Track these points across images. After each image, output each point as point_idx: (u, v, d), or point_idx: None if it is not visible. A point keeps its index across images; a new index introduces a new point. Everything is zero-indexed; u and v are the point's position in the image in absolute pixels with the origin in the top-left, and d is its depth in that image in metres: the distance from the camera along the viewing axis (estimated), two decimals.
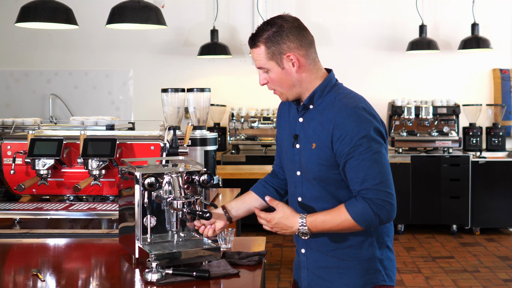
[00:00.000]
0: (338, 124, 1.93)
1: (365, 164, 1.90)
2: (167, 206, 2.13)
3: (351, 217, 1.91)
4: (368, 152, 1.91)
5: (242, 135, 6.98)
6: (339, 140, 1.92)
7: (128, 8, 4.04)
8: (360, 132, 1.91)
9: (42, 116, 7.08)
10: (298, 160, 2.05)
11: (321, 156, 1.97)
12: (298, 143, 2.05)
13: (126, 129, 3.51)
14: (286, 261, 5.57)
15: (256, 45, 2.00)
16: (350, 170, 1.93)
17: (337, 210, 1.95)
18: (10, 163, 2.97)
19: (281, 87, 2.03)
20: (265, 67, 2.01)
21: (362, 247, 2.03)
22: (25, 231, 2.68)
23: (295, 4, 7.17)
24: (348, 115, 1.92)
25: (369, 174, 1.90)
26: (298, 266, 2.17)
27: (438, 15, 7.18)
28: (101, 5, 6.46)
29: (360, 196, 1.92)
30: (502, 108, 6.98)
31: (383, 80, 7.20)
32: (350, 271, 2.03)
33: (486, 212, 6.58)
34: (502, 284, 4.94)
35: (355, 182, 1.93)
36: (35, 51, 7.35)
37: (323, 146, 1.97)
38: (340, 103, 1.97)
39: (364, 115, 1.93)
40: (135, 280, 2.04)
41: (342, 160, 1.93)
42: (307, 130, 2.03)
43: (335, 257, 2.04)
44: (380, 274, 2.04)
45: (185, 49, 7.30)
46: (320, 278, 2.07)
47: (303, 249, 2.11)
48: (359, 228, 1.93)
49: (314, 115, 2.02)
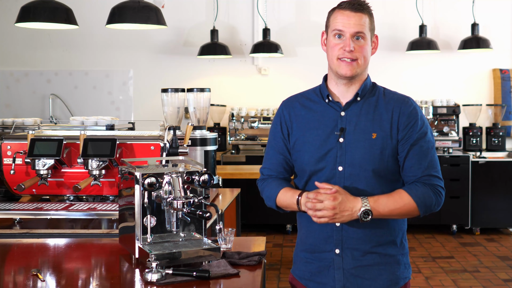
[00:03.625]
0: (405, 112, 2.02)
1: (429, 152, 2.02)
2: (167, 206, 2.13)
3: (414, 200, 1.97)
4: (430, 143, 2.04)
5: (242, 135, 6.98)
6: (408, 126, 2.01)
7: (128, 8, 4.04)
8: (424, 123, 2.04)
9: (42, 116, 7.07)
10: (342, 154, 2.02)
11: (384, 146, 2.01)
12: (343, 137, 2.03)
13: (126, 129, 3.51)
14: (286, 261, 5.57)
15: (364, 12, 2.05)
16: (413, 156, 2.00)
17: (398, 193, 2.00)
18: (10, 163, 2.97)
19: (364, 58, 2.05)
20: (364, 33, 2.04)
21: (400, 242, 2.09)
22: (25, 231, 2.68)
23: (295, 4, 7.17)
24: (413, 106, 2.05)
25: (432, 162, 2.02)
26: (322, 271, 2.08)
27: (438, 15, 7.18)
28: (101, 5, 6.47)
29: (420, 182, 1.99)
30: (502, 108, 6.98)
31: (383, 80, 7.13)
32: (392, 266, 2.06)
33: (486, 212, 6.59)
34: (502, 284, 4.94)
35: (417, 168, 2.00)
36: (35, 51, 7.35)
37: (385, 135, 2.01)
38: (397, 95, 2.08)
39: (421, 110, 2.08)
40: (135, 280, 2.04)
41: (407, 146, 2.00)
42: (357, 123, 2.03)
43: (376, 253, 2.04)
44: (410, 268, 2.13)
45: (185, 49, 7.30)
46: (359, 277, 2.04)
47: (337, 250, 2.05)
48: (417, 213, 2.00)
49: (365, 108, 2.05)
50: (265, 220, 6.54)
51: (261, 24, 7.14)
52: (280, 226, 6.72)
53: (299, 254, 2.17)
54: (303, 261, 2.15)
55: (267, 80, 7.29)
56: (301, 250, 2.17)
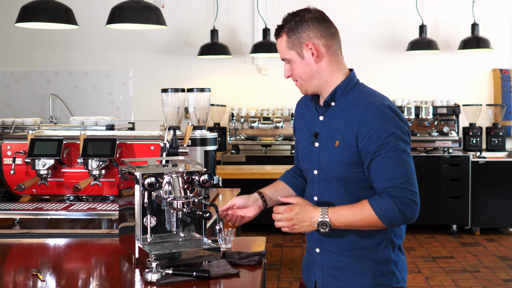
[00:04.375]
0: (365, 121, 1.91)
1: (392, 162, 1.90)
2: (167, 206, 2.13)
3: (375, 213, 1.89)
4: (395, 151, 1.90)
5: (242, 135, 6.98)
6: (366, 137, 1.91)
7: (128, 8, 4.04)
8: (387, 130, 1.90)
9: (42, 116, 7.08)
10: (316, 158, 2.04)
11: (344, 154, 1.96)
12: (318, 142, 2.04)
13: (126, 129, 3.51)
14: (286, 261, 5.57)
15: (280, 35, 2.04)
16: (375, 168, 1.91)
17: (360, 205, 1.92)
18: (10, 163, 2.97)
19: (301, 78, 2.03)
20: (287, 57, 2.03)
21: (378, 249, 2.01)
22: (25, 231, 2.68)
23: (295, 4, 7.17)
24: (375, 113, 1.91)
25: (396, 172, 1.89)
26: (309, 266, 2.15)
27: (438, 15, 7.18)
28: (101, 5, 6.47)
29: (385, 194, 1.90)
30: (502, 108, 6.98)
31: (383, 80, 7.20)
32: (364, 271, 2.02)
33: (486, 212, 6.59)
34: (502, 284, 4.94)
35: (381, 180, 1.91)
36: (35, 51, 7.35)
37: (346, 144, 1.95)
38: (366, 101, 1.96)
39: (390, 114, 1.92)
40: (135, 280, 2.04)
41: (368, 158, 1.92)
42: (328, 128, 2.01)
43: (349, 257, 2.03)
44: (394, 276, 2.03)
45: (185, 49, 7.30)
46: (335, 278, 2.06)
47: (317, 249, 2.08)
48: (381, 225, 1.91)
49: (336, 113, 2.01)
50: (265, 220, 6.51)
51: (261, 24, 7.14)
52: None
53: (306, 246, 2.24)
54: (305, 253, 2.22)
55: (267, 80, 7.29)
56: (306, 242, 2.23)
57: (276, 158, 6.71)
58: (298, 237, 6.49)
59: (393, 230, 2.03)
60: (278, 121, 6.85)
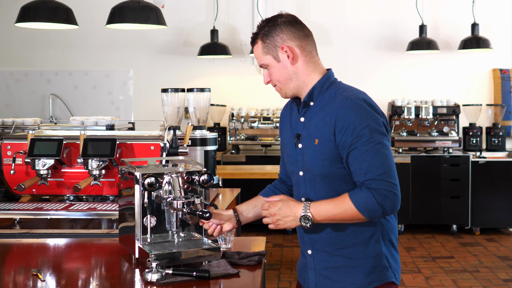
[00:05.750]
0: (340, 116, 1.94)
1: (368, 154, 1.91)
2: (167, 206, 2.13)
3: (354, 206, 1.91)
4: (371, 143, 1.92)
5: (242, 135, 6.98)
6: (342, 131, 1.93)
7: (128, 8, 4.04)
8: (362, 123, 1.92)
9: (42, 116, 7.08)
10: (301, 159, 2.06)
11: (324, 151, 1.98)
12: (301, 143, 2.06)
13: (126, 129, 3.51)
14: (286, 261, 5.57)
15: (255, 42, 2.07)
16: (353, 161, 1.93)
17: (341, 199, 1.94)
18: (10, 163, 2.97)
19: (279, 82, 2.06)
20: (264, 63, 2.07)
21: (369, 244, 2.02)
22: (25, 231, 2.68)
23: (295, 4, 7.17)
24: (349, 106, 1.94)
25: (373, 164, 1.91)
26: (303, 268, 2.16)
27: (438, 15, 7.18)
28: (101, 5, 6.46)
29: (364, 186, 1.92)
30: (502, 108, 6.98)
31: (383, 80, 7.20)
32: (357, 269, 2.02)
33: (486, 212, 6.58)
34: (502, 284, 4.94)
35: (359, 173, 1.93)
36: (35, 51, 7.35)
37: (325, 140, 1.97)
38: (341, 96, 1.98)
39: (365, 107, 1.95)
40: (135, 280, 2.04)
41: (345, 152, 1.94)
42: (309, 128, 2.04)
43: (341, 256, 2.03)
44: (388, 270, 2.04)
45: (185, 49, 7.30)
46: (328, 279, 2.06)
47: (309, 250, 2.10)
48: (362, 218, 1.92)
49: (315, 112, 2.03)
50: None
51: None
52: None
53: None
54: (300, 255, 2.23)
55: None
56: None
57: (276, 158, 6.71)
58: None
59: (382, 223, 2.03)
60: (278, 121, 6.84)
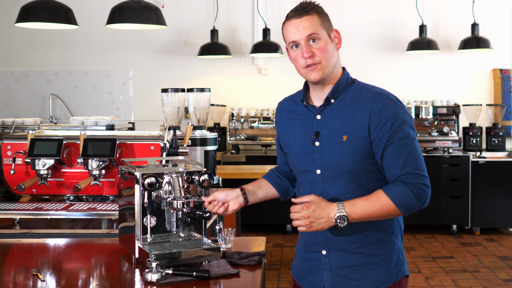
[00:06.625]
0: (376, 111, 1.95)
1: (405, 149, 1.94)
2: (167, 206, 2.14)
3: (392, 201, 1.93)
4: (408, 138, 1.96)
5: (242, 135, 6.98)
6: (379, 126, 1.95)
7: (128, 8, 4.04)
8: (399, 118, 1.96)
9: (42, 116, 7.08)
10: (318, 157, 2.03)
11: (354, 147, 1.97)
12: (319, 141, 2.03)
13: (126, 129, 3.51)
14: (286, 261, 5.57)
15: (309, 13, 2.00)
16: (389, 156, 1.95)
17: (375, 195, 1.95)
18: (10, 163, 2.97)
19: (327, 59, 2.00)
20: (318, 33, 1.98)
21: (389, 240, 2.04)
22: (25, 231, 2.68)
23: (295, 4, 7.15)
24: (385, 102, 1.97)
25: (409, 159, 1.94)
26: (312, 270, 2.11)
27: (438, 15, 7.18)
28: (101, 5, 6.47)
29: (399, 181, 1.94)
30: (502, 108, 6.98)
31: (383, 80, 7.19)
32: (380, 266, 2.02)
33: (486, 212, 6.59)
34: (502, 284, 4.94)
35: (395, 168, 1.95)
36: (35, 51, 7.35)
37: (356, 136, 1.97)
38: (371, 93, 2.01)
39: (398, 103, 2.00)
40: (135, 280, 2.04)
41: (382, 147, 1.95)
42: (331, 126, 2.01)
43: (362, 253, 2.02)
44: (404, 264, 2.08)
45: (185, 49, 7.30)
46: (346, 278, 2.04)
47: (324, 251, 2.06)
48: (398, 213, 1.95)
49: (338, 109, 2.02)
50: (265, 220, 6.54)
51: (261, 24, 7.14)
52: (280, 226, 6.72)
53: (297, 251, 2.21)
54: (298, 259, 2.18)
55: (267, 80, 7.29)
56: (299, 248, 2.20)
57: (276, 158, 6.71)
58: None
59: (398, 218, 2.07)
60: None
